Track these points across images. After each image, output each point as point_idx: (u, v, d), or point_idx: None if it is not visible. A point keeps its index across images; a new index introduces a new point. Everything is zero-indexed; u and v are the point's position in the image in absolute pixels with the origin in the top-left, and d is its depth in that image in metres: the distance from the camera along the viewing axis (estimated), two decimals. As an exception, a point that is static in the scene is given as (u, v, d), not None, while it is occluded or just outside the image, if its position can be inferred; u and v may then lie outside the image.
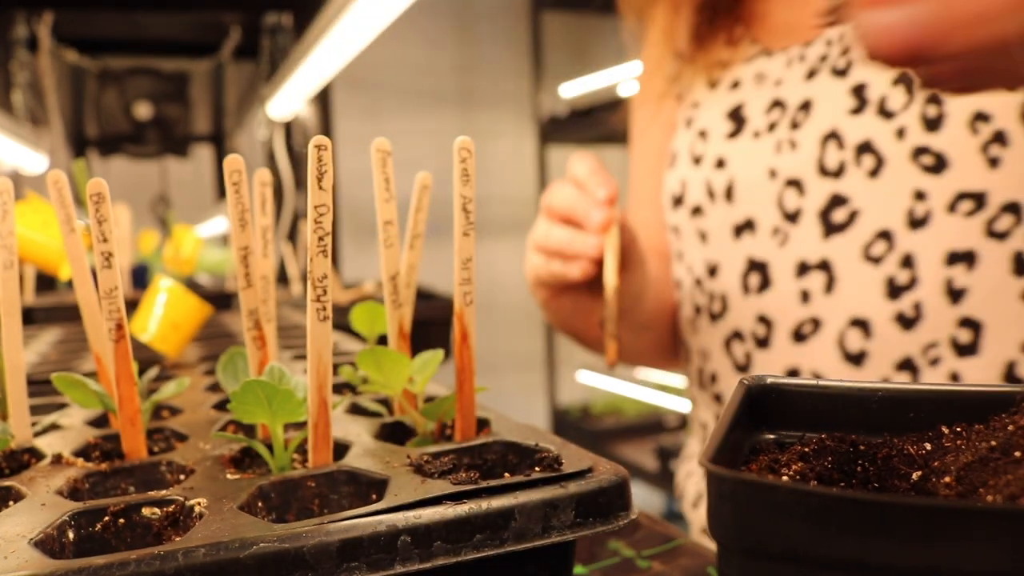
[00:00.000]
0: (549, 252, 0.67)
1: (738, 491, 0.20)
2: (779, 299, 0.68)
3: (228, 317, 1.15)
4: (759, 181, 0.70)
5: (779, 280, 0.68)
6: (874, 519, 0.18)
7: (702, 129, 0.76)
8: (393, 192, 0.43)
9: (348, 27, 1.39)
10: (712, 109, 0.76)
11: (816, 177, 0.66)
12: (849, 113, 0.64)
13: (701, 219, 0.75)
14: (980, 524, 0.17)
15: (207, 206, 3.33)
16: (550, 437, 0.39)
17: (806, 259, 0.66)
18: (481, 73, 3.24)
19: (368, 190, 0.51)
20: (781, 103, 0.69)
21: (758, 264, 0.70)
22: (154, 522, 0.33)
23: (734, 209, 0.72)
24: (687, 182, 0.76)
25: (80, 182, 0.84)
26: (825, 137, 0.65)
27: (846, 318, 0.64)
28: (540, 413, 3.31)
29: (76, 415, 0.51)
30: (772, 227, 0.69)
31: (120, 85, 2.88)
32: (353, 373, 0.49)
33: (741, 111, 0.73)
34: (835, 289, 0.65)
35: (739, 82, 0.74)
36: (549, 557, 0.34)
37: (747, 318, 0.70)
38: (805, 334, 0.67)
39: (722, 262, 0.73)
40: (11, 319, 0.41)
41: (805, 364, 0.67)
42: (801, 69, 0.69)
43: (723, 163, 0.73)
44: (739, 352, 0.72)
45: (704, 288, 0.75)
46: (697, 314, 0.77)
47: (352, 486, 0.36)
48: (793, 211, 0.67)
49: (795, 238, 0.67)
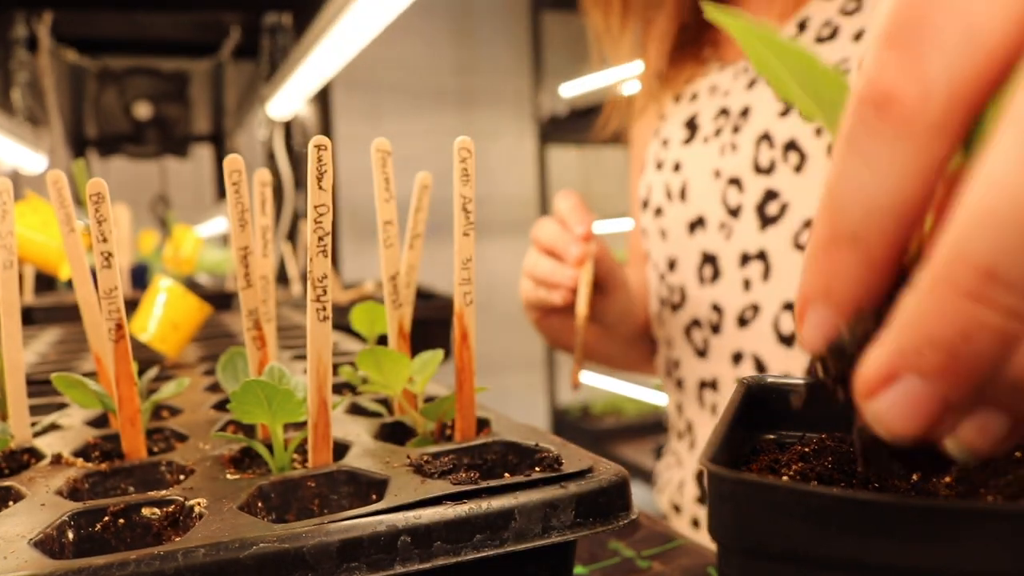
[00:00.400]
0: (536, 280, 0.77)
1: (738, 491, 0.20)
2: (727, 288, 0.75)
3: (228, 317, 1.15)
4: (707, 181, 0.77)
5: (726, 270, 0.75)
6: (874, 519, 0.18)
7: (665, 138, 0.84)
8: (393, 192, 0.43)
9: (348, 27, 1.39)
10: (674, 120, 0.84)
11: (752, 175, 0.72)
12: (779, 116, 0.70)
13: (662, 219, 0.83)
14: (980, 524, 0.17)
15: (207, 206, 3.33)
16: (550, 437, 0.39)
17: (747, 250, 0.72)
18: (481, 73, 3.24)
19: (368, 190, 0.51)
20: (726, 110, 0.77)
21: (709, 257, 0.77)
22: (154, 522, 0.33)
23: (687, 208, 0.79)
24: (651, 186, 0.85)
25: (80, 182, 0.84)
26: (759, 138, 0.72)
27: (780, 302, 0.69)
28: (540, 413, 3.31)
29: (76, 415, 0.51)
30: (719, 222, 0.75)
31: (120, 85, 2.88)
32: (353, 373, 0.49)
33: (696, 119, 0.81)
34: (771, 276, 0.70)
35: (696, 94, 0.83)
36: (549, 557, 0.34)
37: (703, 306, 0.77)
38: (748, 319, 0.72)
39: (680, 257, 0.80)
40: (11, 319, 0.41)
41: (748, 348, 0.72)
42: (745, 79, 0.77)
43: (679, 167, 0.81)
44: (698, 338, 0.78)
45: (666, 281, 0.82)
46: (662, 306, 0.84)
47: (352, 486, 0.36)
48: (735, 207, 0.74)
49: (737, 231, 0.73)
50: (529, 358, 3.26)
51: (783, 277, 0.69)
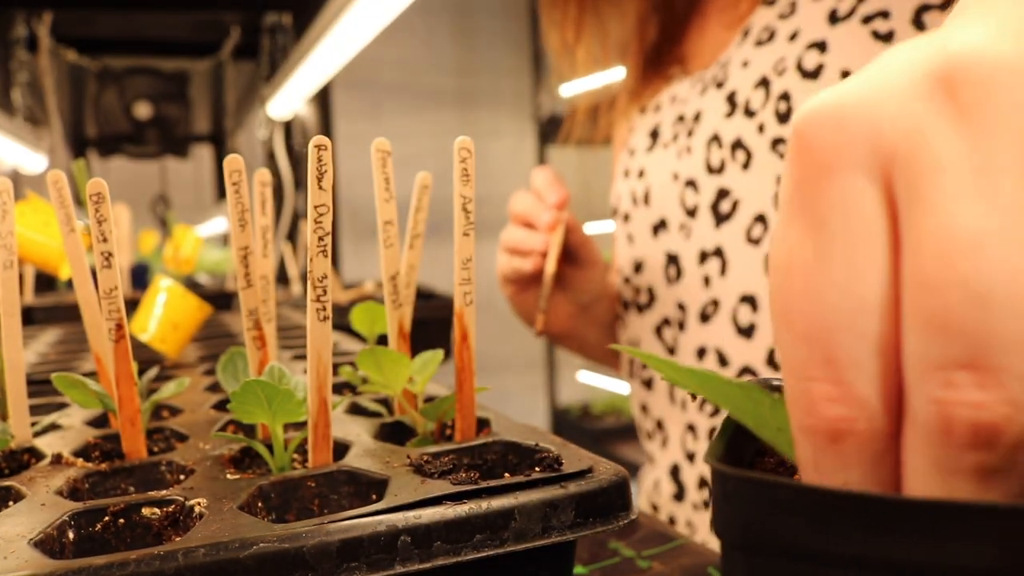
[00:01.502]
0: (510, 250, 0.80)
1: (741, 489, 0.20)
2: (689, 286, 0.77)
3: (228, 317, 1.15)
4: (667, 185, 0.79)
5: (688, 269, 0.77)
6: (878, 516, 0.18)
7: (632, 148, 0.88)
8: (393, 192, 0.43)
9: (348, 27, 1.39)
10: (640, 130, 0.87)
11: (705, 176, 0.74)
12: (725, 117, 0.73)
13: (629, 224, 0.85)
14: (985, 521, 0.17)
15: (207, 206, 3.33)
16: (550, 437, 0.39)
17: (705, 248, 0.74)
18: (481, 73, 3.24)
19: (368, 190, 0.51)
20: (683, 117, 0.80)
21: (672, 257, 0.79)
22: (154, 522, 0.33)
23: (651, 211, 0.82)
24: (620, 194, 0.88)
25: (80, 182, 0.84)
26: (709, 140, 0.74)
27: (737, 295, 0.71)
28: (540, 413, 3.31)
29: (76, 415, 0.51)
30: (679, 223, 0.78)
31: (120, 85, 2.88)
32: (353, 373, 0.49)
33: (658, 128, 0.84)
34: (727, 271, 0.72)
35: (660, 105, 0.86)
36: (549, 557, 0.33)
37: (670, 305, 0.79)
38: (709, 314, 0.74)
39: (647, 259, 0.83)
40: (11, 319, 0.41)
41: (711, 342, 0.74)
42: (698, 87, 0.80)
43: (643, 173, 0.84)
44: (668, 336, 0.80)
45: (631, 283, 0.85)
46: (625, 309, 0.86)
47: (352, 486, 0.36)
48: (692, 207, 0.76)
49: (695, 231, 0.75)
50: (529, 358, 3.26)
51: (738, 271, 0.71)
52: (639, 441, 0.90)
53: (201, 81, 3.08)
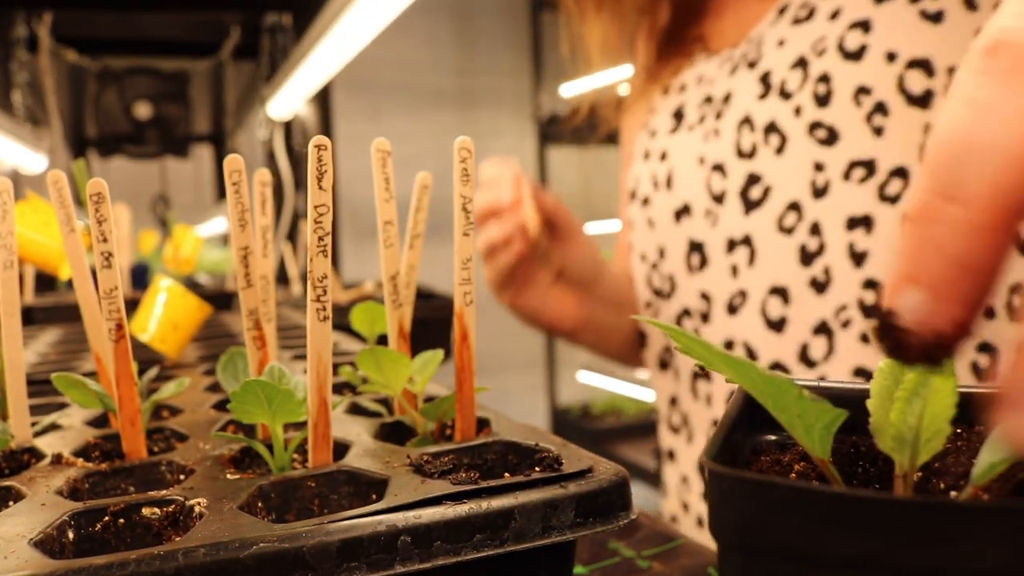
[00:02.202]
0: (488, 249, 0.75)
1: (739, 490, 0.20)
2: (715, 276, 0.74)
3: (228, 317, 1.15)
4: (692, 168, 0.76)
5: (713, 258, 0.74)
6: (875, 518, 0.18)
7: (653, 129, 0.84)
8: (393, 192, 0.43)
9: (348, 27, 1.39)
10: (663, 111, 0.83)
11: (735, 160, 0.71)
12: (758, 99, 0.70)
13: (649, 208, 0.82)
14: (980, 523, 0.17)
15: (207, 206, 3.33)
16: (550, 437, 0.39)
17: (733, 236, 0.72)
18: (481, 73, 3.24)
19: (368, 190, 0.51)
20: (710, 98, 0.76)
21: (696, 245, 0.76)
22: (154, 522, 0.33)
23: (673, 196, 0.78)
24: (639, 177, 0.84)
25: (80, 182, 0.84)
26: (740, 123, 0.71)
27: (767, 287, 0.69)
28: (540, 413, 3.31)
29: (76, 415, 0.51)
30: (705, 209, 0.75)
31: (120, 85, 2.88)
32: (353, 373, 0.49)
33: (682, 109, 0.80)
34: (756, 261, 0.70)
35: (685, 85, 0.82)
36: (549, 557, 0.33)
37: (692, 295, 0.76)
38: (736, 306, 0.72)
39: (668, 246, 0.79)
40: (11, 319, 0.41)
41: (738, 335, 0.72)
42: (727, 67, 0.76)
43: (665, 155, 0.80)
44: (689, 328, 0.77)
45: (659, 270, 0.82)
46: (656, 296, 0.83)
47: (352, 486, 0.36)
48: (719, 193, 0.73)
49: (723, 218, 0.73)
50: (529, 358, 3.26)
51: (768, 262, 0.69)
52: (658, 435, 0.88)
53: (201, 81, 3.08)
